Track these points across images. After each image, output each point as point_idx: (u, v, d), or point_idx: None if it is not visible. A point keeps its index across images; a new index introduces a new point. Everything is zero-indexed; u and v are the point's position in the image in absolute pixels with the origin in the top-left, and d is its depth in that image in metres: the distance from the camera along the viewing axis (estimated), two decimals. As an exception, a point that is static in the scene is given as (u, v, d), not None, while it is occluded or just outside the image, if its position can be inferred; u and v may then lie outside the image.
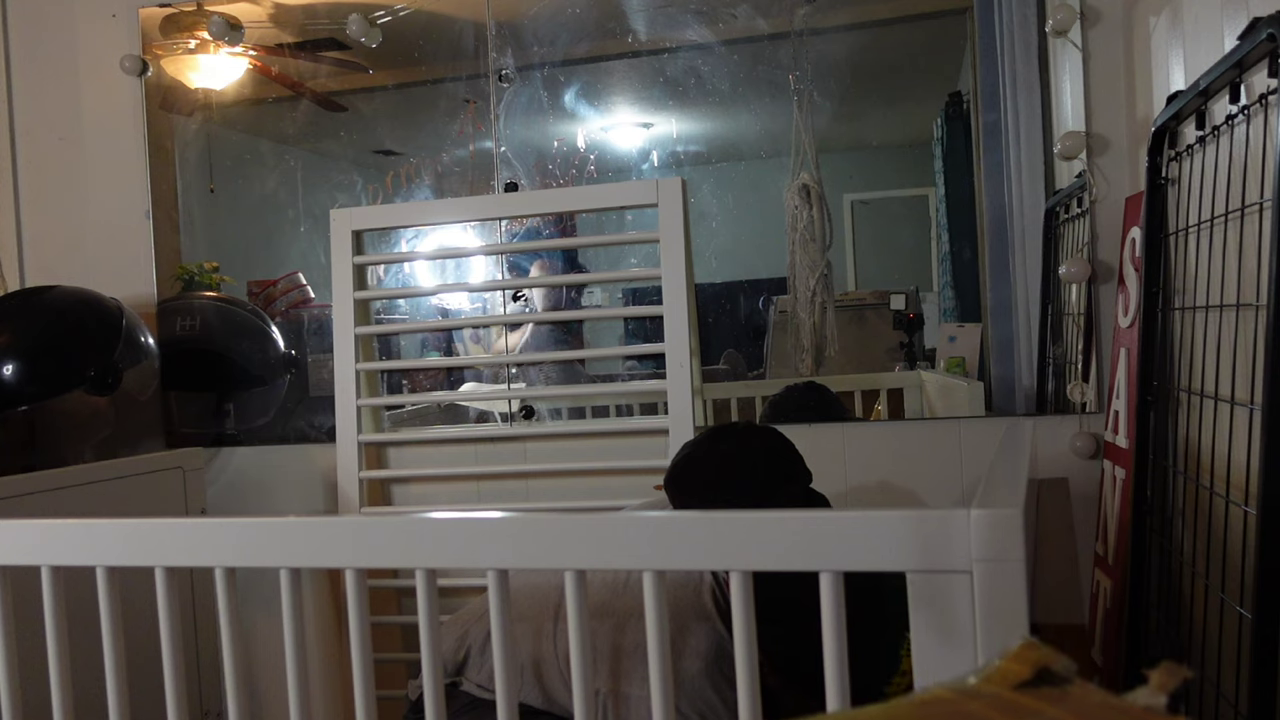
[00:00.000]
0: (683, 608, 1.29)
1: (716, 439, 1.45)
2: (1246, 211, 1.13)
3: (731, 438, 1.46)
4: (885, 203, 2.11)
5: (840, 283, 2.04)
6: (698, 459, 1.42)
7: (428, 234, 2.16)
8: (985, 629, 0.79)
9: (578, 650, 0.95)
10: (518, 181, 2.08)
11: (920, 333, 2.03)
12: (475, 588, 1.87)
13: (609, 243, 2.11)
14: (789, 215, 1.96)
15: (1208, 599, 1.20)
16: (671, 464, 1.44)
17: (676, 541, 0.89)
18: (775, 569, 0.86)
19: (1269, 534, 0.98)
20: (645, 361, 2.10)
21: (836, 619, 0.86)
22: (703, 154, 2.05)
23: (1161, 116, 1.40)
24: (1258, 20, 1.04)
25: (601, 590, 1.29)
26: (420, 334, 2.26)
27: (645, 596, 0.92)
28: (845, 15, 2.01)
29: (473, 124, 2.11)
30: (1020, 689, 0.35)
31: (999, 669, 0.35)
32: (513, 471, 2.00)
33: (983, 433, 1.81)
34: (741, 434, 1.47)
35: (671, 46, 2.02)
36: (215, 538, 1.03)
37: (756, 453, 1.41)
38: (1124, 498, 1.51)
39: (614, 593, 1.32)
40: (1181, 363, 1.39)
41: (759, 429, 1.48)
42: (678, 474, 1.41)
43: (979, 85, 1.85)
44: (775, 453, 1.42)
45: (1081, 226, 1.75)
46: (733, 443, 1.44)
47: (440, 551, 0.97)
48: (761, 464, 1.40)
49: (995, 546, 0.79)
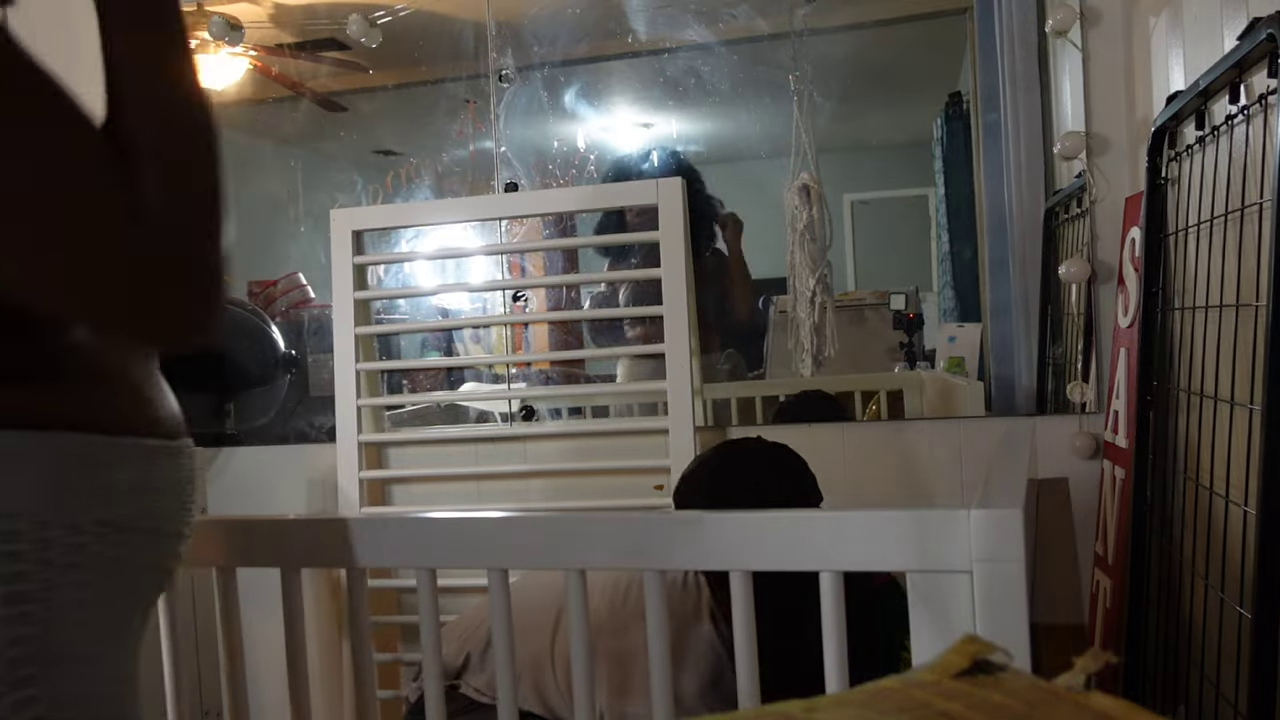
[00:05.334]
0: (681, 625, 1.28)
1: (723, 456, 1.44)
2: (1246, 211, 1.13)
3: (740, 456, 1.44)
4: (885, 203, 2.11)
5: (840, 283, 2.04)
6: (704, 475, 1.41)
7: (428, 234, 2.16)
8: (985, 629, 0.79)
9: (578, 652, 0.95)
10: (518, 181, 2.08)
11: (920, 333, 2.03)
12: (475, 588, 1.87)
13: (609, 242, 2.11)
14: (789, 215, 1.96)
15: (1207, 599, 1.20)
16: (680, 479, 1.43)
17: (676, 541, 0.89)
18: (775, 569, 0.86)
19: (1269, 534, 0.98)
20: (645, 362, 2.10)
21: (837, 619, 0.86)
22: (703, 154, 2.05)
23: (1161, 116, 1.40)
24: (1258, 20, 1.04)
25: (600, 607, 1.29)
26: (420, 334, 2.26)
27: (645, 597, 0.92)
28: (845, 15, 2.01)
29: (473, 124, 2.11)
30: (959, 677, 0.38)
31: (941, 661, 0.39)
32: (513, 471, 2.00)
33: (983, 433, 1.81)
34: (751, 451, 1.45)
35: (671, 46, 2.02)
36: (214, 538, 1.03)
37: (764, 472, 1.40)
38: (1124, 498, 1.51)
39: (611, 609, 1.31)
40: (1181, 363, 1.39)
41: (770, 446, 1.46)
42: (685, 489, 1.40)
43: (979, 85, 1.85)
44: (784, 472, 1.40)
45: (1081, 226, 1.75)
46: (741, 460, 1.42)
47: (440, 551, 0.97)
48: (770, 484, 1.38)
49: (995, 546, 0.79)
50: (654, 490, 1.86)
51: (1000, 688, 0.37)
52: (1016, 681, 0.38)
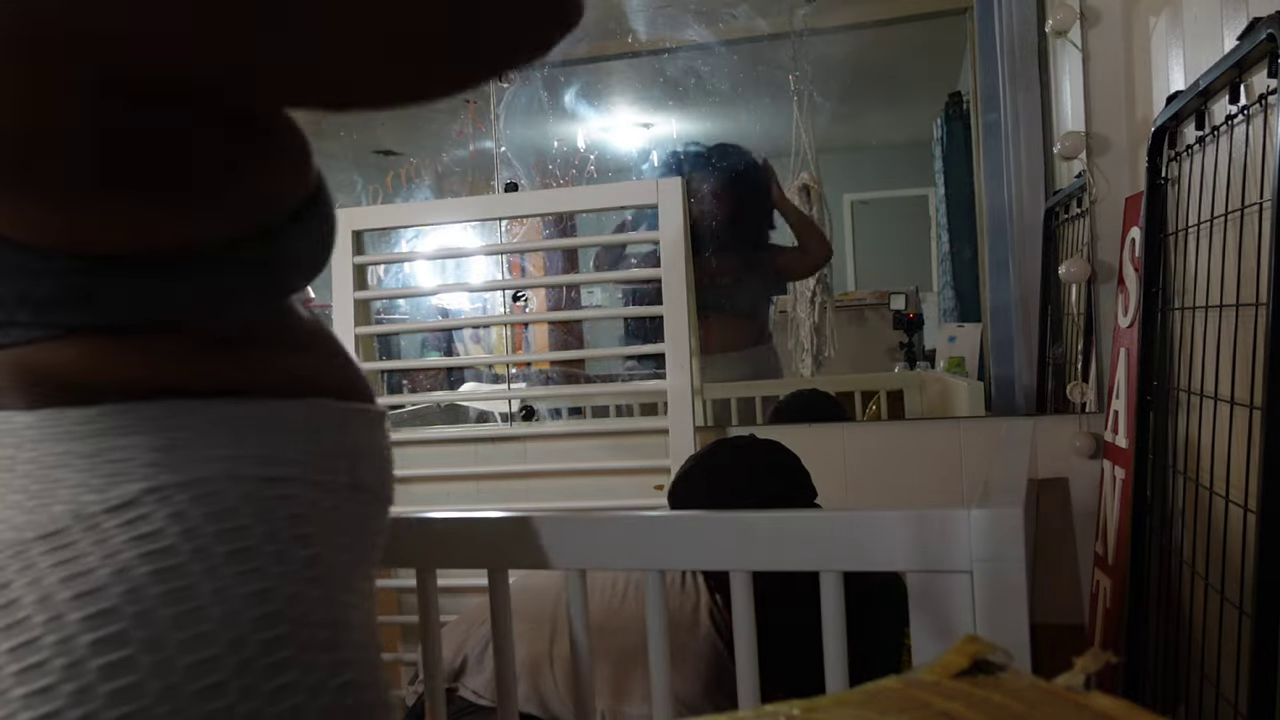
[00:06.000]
0: (680, 628, 1.28)
1: (718, 453, 1.44)
2: (1246, 211, 1.13)
3: (734, 452, 1.44)
4: (885, 203, 2.11)
5: (840, 283, 2.04)
6: (699, 473, 1.41)
7: (428, 234, 2.16)
8: (985, 629, 0.79)
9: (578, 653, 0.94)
10: (518, 181, 2.08)
11: (920, 333, 2.03)
12: (475, 588, 1.87)
13: (609, 242, 2.11)
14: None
15: (1207, 599, 1.20)
16: (674, 478, 1.43)
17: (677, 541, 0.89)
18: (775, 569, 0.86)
19: (1269, 534, 0.98)
20: (645, 361, 2.10)
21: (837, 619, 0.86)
22: (703, 154, 2.05)
23: (1161, 117, 1.40)
24: (1258, 20, 1.04)
25: (598, 608, 1.29)
26: (420, 334, 2.26)
27: (646, 597, 0.92)
28: (845, 15, 2.01)
29: (473, 124, 2.11)
30: (959, 677, 0.38)
31: (941, 661, 0.40)
32: (513, 471, 2.00)
33: (983, 433, 1.81)
34: (745, 449, 1.46)
35: (671, 46, 2.02)
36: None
37: (759, 469, 1.40)
38: (1124, 498, 1.51)
39: (610, 611, 1.31)
40: (1181, 363, 1.39)
41: (763, 444, 1.46)
42: (679, 487, 1.41)
43: (979, 85, 1.85)
44: (777, 469, 1.41)
45: (1081, 226, 1.75)
46: (735, 458, 1.43)
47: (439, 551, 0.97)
48: (764, 480, 1.39)
49: (995, 546, 0.79)
50: (654, 490, 1.87)
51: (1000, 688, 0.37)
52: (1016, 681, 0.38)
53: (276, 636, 0.58)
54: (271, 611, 0.58)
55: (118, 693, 0.52)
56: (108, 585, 0.54)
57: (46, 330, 0.57)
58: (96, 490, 0.56)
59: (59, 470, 0.57)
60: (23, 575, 0.54)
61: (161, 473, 0.57)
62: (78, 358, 0.57)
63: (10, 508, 0.56)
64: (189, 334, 0.61)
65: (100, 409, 0.58)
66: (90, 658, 0.52)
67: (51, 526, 0.55)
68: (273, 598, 0.58)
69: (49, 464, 0.57)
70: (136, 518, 0.56)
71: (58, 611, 0.53)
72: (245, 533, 0.58)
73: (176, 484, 0.57)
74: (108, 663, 0.52)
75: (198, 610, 0.55)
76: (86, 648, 0.52)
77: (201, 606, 0.55)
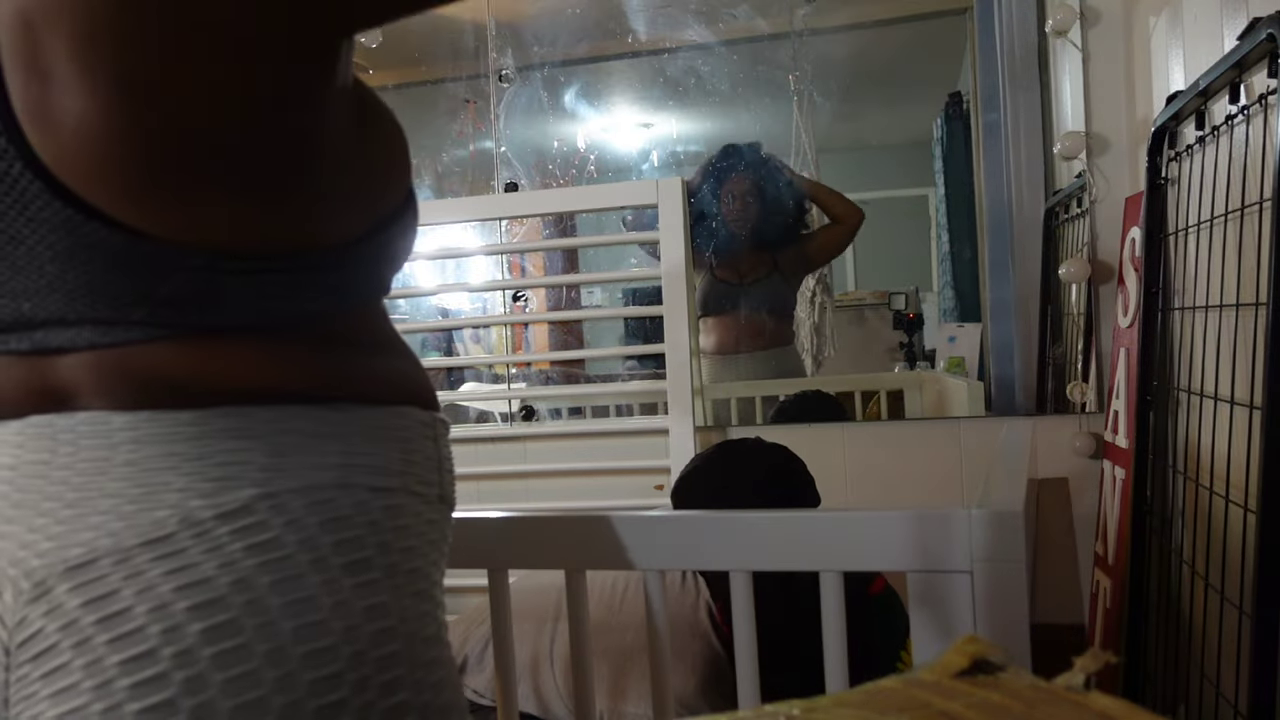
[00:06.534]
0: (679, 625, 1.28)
1: (722, 456, 1.44)
2: (1246, 211, 1.13)
3: (740, 455, 1.44)
4: (885, 203, 2.11)
5: (840, 283, 2.04)
6: (701, 476, 1.40)
7: (427, 234, 2.16)
8: (985, 629, 0.79)
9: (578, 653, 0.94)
10: (518, 181, 2.08)
11: (920, 333, 2.03)
12: (475, 588, 1.87)
13: (609, 242, 2.11)
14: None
15: (1207, 599, 1.20)
16: (678, 479, 1.43)
17: (676, 541, 0.89)
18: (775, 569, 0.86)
19: (1269, 534, 0.98)
20: (645, 361, 2.10)
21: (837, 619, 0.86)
22: (703, 154, 2.05)
23: (1161, 116, 1.40)
24: (1258, 20, 1.04)
25: (597, 608, 1.29)
26: (420, 334, 2.26)
27: (646, 597, 0.92)
28: (845, 15, 2.01)
29: (473, 124, 2.11)
30: (959, 677, 0.39)
31: (941, 661, 0.40)
32: (513, 471, 2.00)
33: (983, 433, 1.81)
34: (748, 452, 1.45)
35: (671, 46, 2.02)
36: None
37: (761, 471, 1.40)
38: (1124, 498, 1.51)
39: (610, 610, 1.31)
40: (1181, 363, 1.39)
41: (767, 446, 1.46)
42: (680, 490, 1.40)
43: (979, 85, 1.85)
44: (783, 474, 1.40)
45: (1081, 226, 1.75)
46: (741, 460, 1.42)
47: (440, 551, 0.96)
48: (768, 484, 1.38)
49: (995, 546, 0.79)
50: (654, 490, 1.87)
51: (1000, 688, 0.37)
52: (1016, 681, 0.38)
53: (392, 653, 0.56)
54: (388, 627, 0.56)
55: (240, 709, 0.50)
56: (227, 596, 0.51)
57: (162, 330, 0.54)
58: (205, 495, 0.53)
59: (163, 473, 0.54)
60: (130, 584, 0.51)
61: (275, 478, 0.55)
62: (192, 359, 0.55)
63: (104, 513, 0.53)
64: (303, 335, 0.59)
65: (211, 411, 0.55)
66: (212, 671, 0.50)
67: (157, 532, 0.52)
68: (388, 612, 0.56)
69: (151, 466, 0.54)
70: (251, 525, 0.53)
71: (175, 622, 0.50)
72: (360, 543, 0.56)
73: (290, 490, 0.55)
74: (230, 677, 0.50)
75: (321, 625, 0.53)
76: (208, 661, 0.50)
77: (324, 620, 0.53)
